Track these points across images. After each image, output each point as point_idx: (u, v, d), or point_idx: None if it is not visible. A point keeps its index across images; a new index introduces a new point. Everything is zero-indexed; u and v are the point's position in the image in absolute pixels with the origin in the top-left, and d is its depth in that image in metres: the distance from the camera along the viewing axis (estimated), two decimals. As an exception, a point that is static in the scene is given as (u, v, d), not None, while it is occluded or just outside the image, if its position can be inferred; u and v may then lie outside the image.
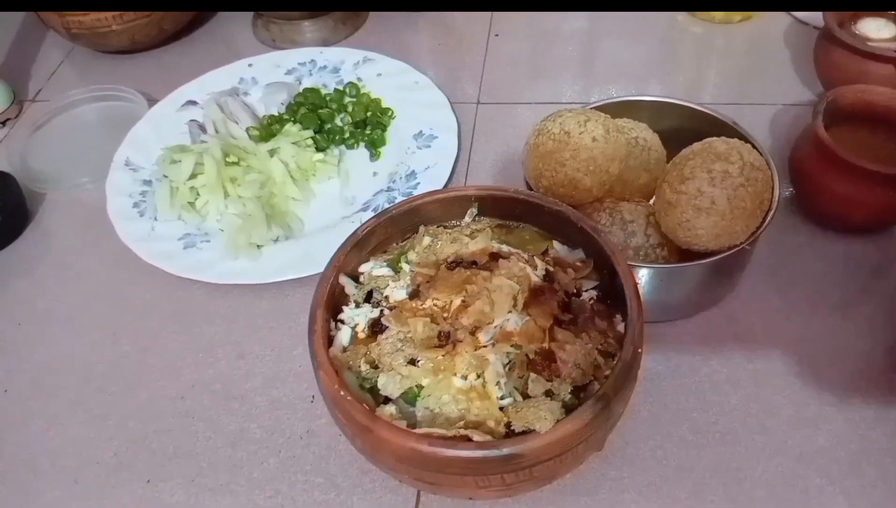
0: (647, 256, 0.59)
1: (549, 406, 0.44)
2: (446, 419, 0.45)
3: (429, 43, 0.95)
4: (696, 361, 0.60)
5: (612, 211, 0.60)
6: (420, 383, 0.46)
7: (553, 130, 0.59)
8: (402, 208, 0.56)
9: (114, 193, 0.75)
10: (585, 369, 0.47)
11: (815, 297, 0.64)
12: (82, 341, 0.67)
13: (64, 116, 0.90)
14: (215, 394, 0.62)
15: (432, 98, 0.81)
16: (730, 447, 0.55)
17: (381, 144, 0.79)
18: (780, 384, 0.58)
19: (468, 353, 0.46)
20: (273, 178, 0.74)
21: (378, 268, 0.54)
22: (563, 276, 0.51)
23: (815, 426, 0.55)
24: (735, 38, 0.90)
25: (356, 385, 0.48)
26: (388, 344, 0.48)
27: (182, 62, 0.96)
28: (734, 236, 0.55)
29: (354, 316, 0.51)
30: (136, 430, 0.60)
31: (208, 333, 0.66)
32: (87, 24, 0.90)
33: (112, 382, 0.64)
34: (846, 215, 0.65)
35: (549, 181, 0.59)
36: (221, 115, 0.80)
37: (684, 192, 0.55)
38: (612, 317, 0.50)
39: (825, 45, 0.75)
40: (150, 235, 0.71)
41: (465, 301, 0.49)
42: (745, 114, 0.78)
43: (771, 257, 0.66)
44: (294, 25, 0.94)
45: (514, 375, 0.46)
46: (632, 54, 0.90)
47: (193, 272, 0.67)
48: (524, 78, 0.88)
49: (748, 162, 0.55)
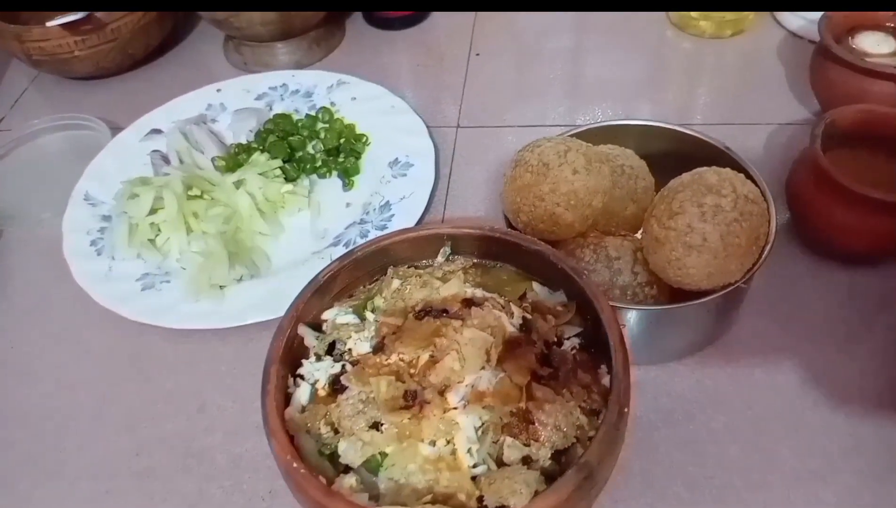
0: (636, 295, 0.54)
1: (525, 478, 0.39)
2: (413, 491, 0.41)
3: (407, 63, 0.91)
4: (691, 408, 0.56)
5: (597, 247, 0.55)
6: (383, 450, 0.42)
7: (531, 161, 0.55)
8: (368, 250, 0.51)
9: (70, 229, 0.71)
10: (567, 430, 0.42)
11: (818, 332, 0.59)
12: (33, 391, 0.63)
13: (25, 147, 0.86)
14: (173, 450, 0.57)
15: (409, 123, 0.77)
16: (728, 505, 0.50)
17: (355, 173, 0.75)
18: (783, 432, 0.54)
19: (436, 417, 0.42)
20: (239, 211, 0.69)
21: (342, 315, 0.50)
22: (543, 324, 0.47)
23: (822, 481, 0.51)
24: (726, 54, 0.86)
25: (314, 451, 0.43)
26: (349, 406, 0.44)
27: (151, 87, 0.92)
28: (728, 274, 0.51)
29: (314, 371, 0.47)
30: (88, 491, 0.56)
31: (168, 382, 0.62)
32: (48, 49, 0.86)
33: (66, 437, 0.59)
34: (848, 244, 0.60)
35: (528, 216, 0.55)
36: (186, 144, 0.75)
37: (673, 228, 0.51)
38: (597, 368, 0.46)
39: (822, 61, 0.71)
40: (107, 275, 0.67)
41: (433, 356, 0.44)
42: (737, 135, 0.75)
43: (769, 290, 0.62)
44: (267, 47, 0.90)
45: (488, 440, 0.42)
46: (619, 73, 0.86)
47: (151, 317, 0.63)
48: (507, 99, 0.84)
49: (742, 194, 0.50)
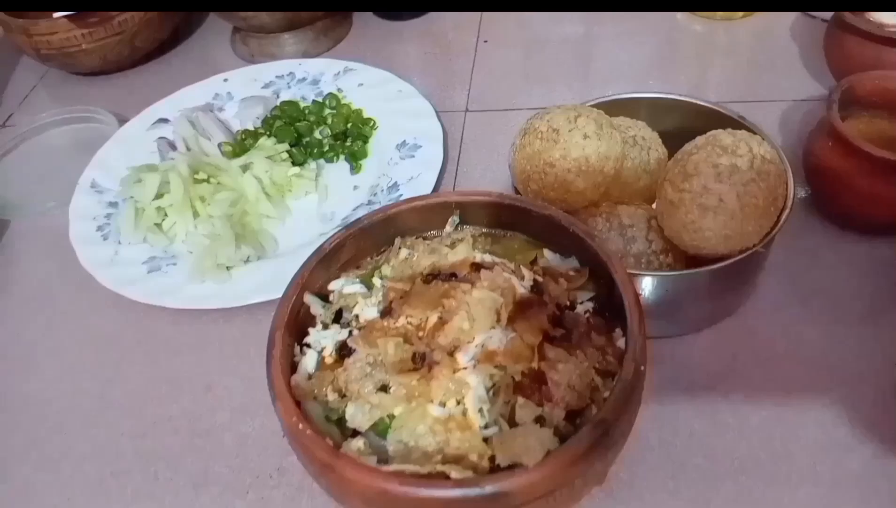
0: (650, 263, 0.53)
1: (539, 436, 0.38)
2: (422, 454, 0.39)
3: (414, 52, 0.91)
4: (710, 380, 0.54)
5: (609, 215, 0.54)
6: (392, 412, 0.40)
7: (540, 127, 0.53)
8: (374, 218, 0.50)
9: (77, 217, 0.70)
10: (581, 391, 0.41)
11: (840, 305, 0.58)
12: (39, 376, 0.62)
13: (33, 141, 0.86)
14: (179, 431, 0.56)
15: (417, 107, 0.76)
16: (751, 475, 0.48)
17: (363, 157, 0.74)
18: (805, 403, 0.52)
19: (446, 377, 0.40)
20: (245, 195, 0.69)
21: (349, 285, 0.49)
22: (555, 287, 0.46)
23: (847, 450, 0.49)
24: (738, 34, 0.85)
25: (321, 417, 0.42)
26: (356, 369, 0.42)
27: (157, 81, 0.92)
28: (746, 237, 0.49)
29: (321, 339, 0.46)
30: (93, 473, 0.55)
31: (174, 363, 0.61)
32: (55, 43, 0.86)
33: (69, 420, 0.58)
34: (868, 212, 0.59)
35: (538, 185, 0.54)
36: (192, 131, 0.75)
37: (688, 190, 0.49)
38: (611, 332, 0.44)
39: (837, 33, 0.70)
40: (113, 259, 0.66)
41: (442, 318, 0.43)
42: (752, 111, 0.71)
43: (789, 263, 0.60)
44: (273, 38, 0.90)
45: (499, 400, 0.40)
46: (630, 57, 0.85)
47: (157, 298, 0.62)
48: (515, 84, 0.83)
49: (758, 154, 0.49)
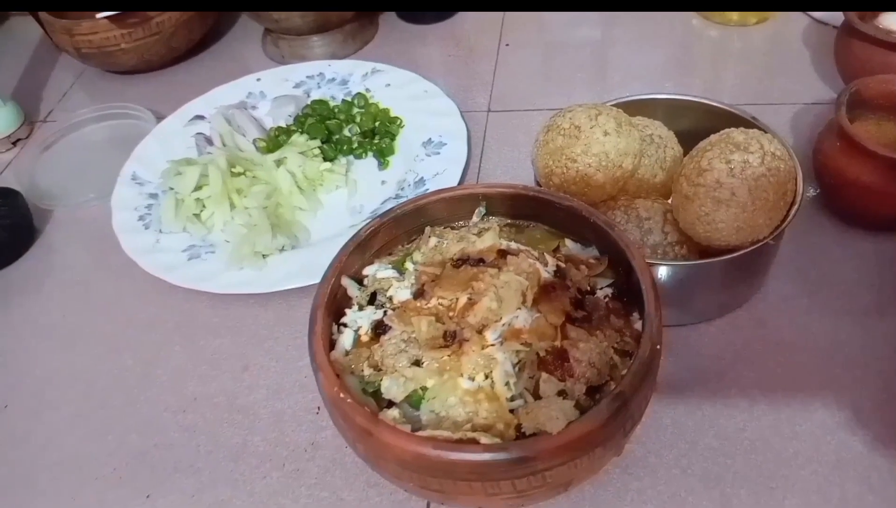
0: (666, 254, 0.56)
1: (562, 407, 0.41)
2: (453, 423, 0.42)
3: (438, 55, 0.94)
4: (722, 365, 0.57)
5: (628, 208, 0.57)
6: (425, 385, 0.44)
7: (563, 124, 0.57)
8: (406, 208, 0.54)
9: (119, 207, 0.74)
10: (601, 368, 0.44)
11: (847, 298, 0.60)
12: (85, 355, 0.65)
13: (73, 136, 0.90)
14: (218, 407, 0.60)
15: (441, 106, 0.80)
16: (759, 454, 0.51)
17: (390, 153, 0.78)
18: (813, 387, 0.55)
19: (475, 352, 0.44)
20: (279, 188, 0.72)
21: (382, 270, 0.52)
22: (576, 273, 0.49)
23: (851, 431, 0.52)
24: (752, 40, 0.88)
25: (359, 390, 0.45)
26: (392, 345, 0.46)
27: (192, 80, 0.95)
28: (757, 229, 0.52)
29: (357, 319, 0.49)
30: (137, 445, 0.58)
31: (213, 345, 0.64)
32: (96, 42, 0.90)
33: (114, 396, 0.62)
34: (875, 210, 0.61)
35: (560, 179, 0.57)
36: (228, 127, 0.79)
37: (702, 184, 0.52)
38: (629, 315, 0.48)
39: (846, 39, 0.73)
40: (154, 247, 0.69)
41: (471, 299, 0.46)
42: (764, 113, 0.74)
43: (798, 257, 0.63)
44: (303, 40, 0.93)
45: (525, 375, 0.44)
46: (646, 60, 0.88)
47: (197, 283, 0.65)
48: (536, 86, 0.87)
49: (769, 151, 0.52)
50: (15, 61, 1.05)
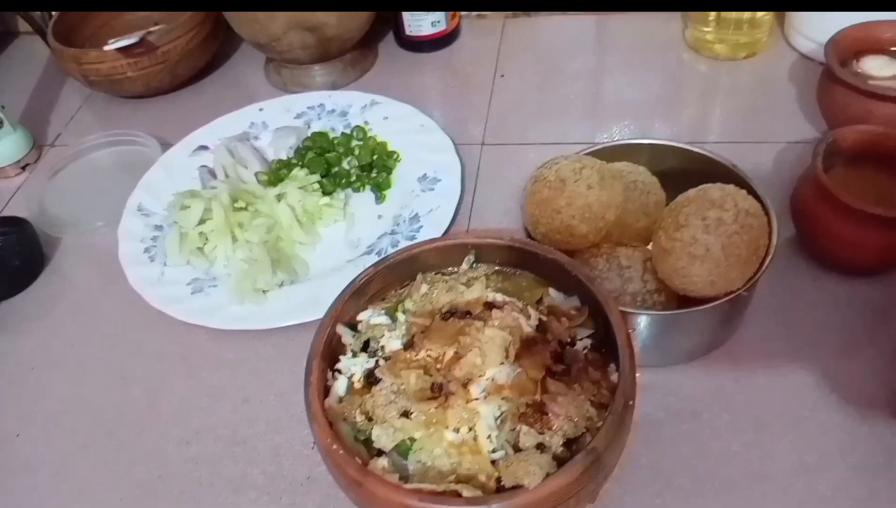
0: (645, 301, 0.59)
1: (539, 461, 0.44)
2: (438, 473, 0.45)
3: (435, 85, 0.97)
4: (697, 406, 0.60)
5: (609, 256, 0.60)
6: (412, 436, 0.47)
7: (549, 177, 0.59)
8: (400, 257, 0.57)
9: (125, 238, 0.77)
10: (577, 421, 0.47)
11: (819, 340, 0.63)
12: (93, 386, 0.68)
13: (81, 161, 0.93)
14: (220, 440, 0.63)
15: (437, 141, 0.83)
16: (730, 495, 0.54)
17: (387, 187, 0.81)
18: (782, 429, 0.58)
19: (460, 406, 0.47)
20: (280, 222, 0.75)
21: (376, 316, 0.55)
22: (557, 325, 0.52)
23: (817, 474, 0.55)
24: (739, 75, 0.91)
25: (351, 436, 0.48)
26: (382, 396, 0.49)
27: (196, 106, 0.98)
28: (730, 282, 0.55)
29: (351, 366, 0.52)
30: (143, 475, 0.61)
31: (214, 378, 0.67)
32: (103, 71, 0.93)
33: (121, 427, 0.65)
34: (848, 257, 0.64)
35: (546, 228, 0.60)
36: (231, 159, 0.82)
37: (679, 239, 0.55)
38: (606, 367, 0.50)
39: (828, 83, 0.75)
40: (159, 279, 0.72)
41: (457, 353, 0.49)
42: (748, 152, 0.79)
43: (774, 299, 0.66)
44: (305, 69, 0.96)
45: (506, 428, 0.47)
46: (637, 93, 0.90)
47: (200, 318, 0.68)
48: (529, 118, 0.89)
49: (742, 209, 0.55)
50: (23, 82, 1.08)
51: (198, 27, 0.95)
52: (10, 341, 0.74)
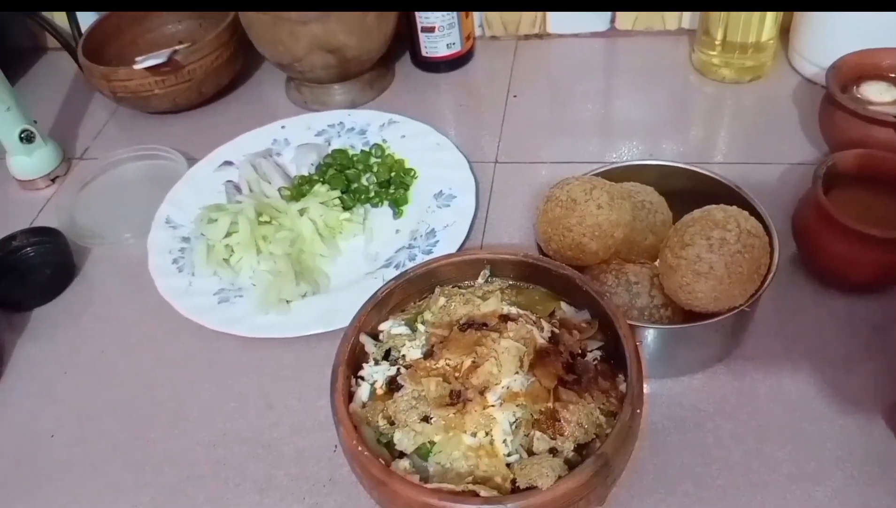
0: (652, 315, 0.62)
1: (552, 464, 0.47)
2: (457, 474, 0.48)
3: (451, 104, 1.01)
4: (701, 417, 0.62)
5: (618, 273, 0.63)
6: (432, 439, 0.50)
7: (560, 197, 0.63)
8: (419, 271, 0.60)
9: (154, 250, 0.80)
10: (588, 427, 0.50)
11: (819, 354, 0.66)
12: (123, 390, 0.72)
13: (109, 174, 0.96)
14: (245, 442, 0.66)
15: (452, 159, 0.86)
16: (730, 501, 0.57)
17: (404, 203, 0.84)
18: (782, 440, 0.60)
19: (477, 412, 0.50)
20: (302, 235, 0.79)
21: (396, 327, 0.58)
22: (569, 337, 0.55)
23: (815, 482, 0.58)
24: (744, 98, 0.94)
25: (374, 440, 0.51)
26: (404, 402, 0.52)
27: (220, 122, 1.02)
28: (733, 299, 0.58)
29: (373, 373, 0.55)
30: (172, 476, 0.64)
31: (240, 384, 0.70)
32: (131, 88, 0.97)
33: (150, 430, 0.68)
34: (846, 275, 0.67)
35: (558, 245, 0.63)
36: (255, 175, 0.85)
37: (684, 257, 0.58)
38: (615, 377, 0.53)
39: (829, 108, 0.78)
40: (187, 290, 0.76)
41: (475, 362, 0.52)
42: (753, 173, 0.82)
43: (776, 315, 0.69)
44: (325, 88, 1.00)
45: (521, 433, 0.50)
46: (645, 114, 0.94)
47: (227, 326, 0.72)
48: (541, 138, 0.93)
49: (745, 229, 0.58)
50: (51, 97, 1.12)
51: (222, 47, 0.99)
52: (43, 347, 0.77)
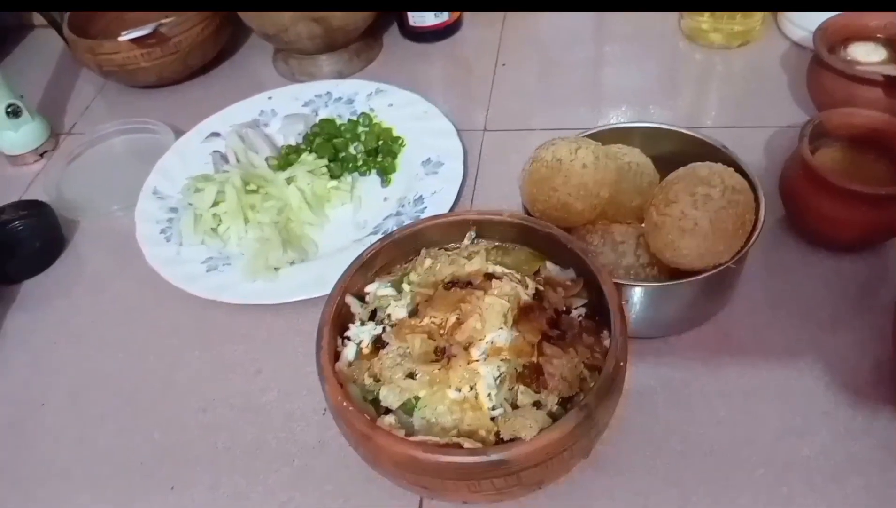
0: (638, 274, 0.62)
1: (535, 416, 0.47)
2: (442, 429, 0.49)
3: (438, 74, 1.00)
4: (688, 375, 0.63)
5: (604, 233, 0.63)
6: (417, 395, 0.50)
7: (546, 157, 0.62)
8: (404, 232, 0.60)
9: (142, 219, 0.80)
10: (572, 381, 0.50)
11: (806, 313, 0.66)
12: (113, 358, 0.72)
13: (96, 148, 0.96)
14: (234, 407, 0.66)
15: (440, 127, 0.86)
16: (717, 457, 0.57)
17: (392, 171, 0.84)
18: (769, 396, 0.61)
19: (462, 367, 0.50)
20: (290, 204, 0.79)
21: (382, 288, 0.58)
22: (553, 295, 0.55)
23: (800, 437, 0.58)
24: (734, 63, 0.94)
25: (360, 397, 0.52)
26: (389, 359, 0.52)
27: (207, 95, 1.01)
28: (718, 255, 0.58)
29: (359, 333, 0.55)
30: (161, 441, 0.65)
31: (229, 350, 0.71)
32: (117, 61, 0.96)
33: (140, 397, 0.68)
34: (834, 234, 0.67)
35: (544, 205, 0.63)
36: (242, 145, 0.85)
37: (669, 214, 0.58)
38: (600, 333, 0.54)
39: (816, 69, 0.78)
40: (175, 258, 0.76)
41: (459, 319, 0.52)
42: (742, 137, 0.82)
43: (763, 274, 0.69)
44: (312, 59, 0.99)
45: (505, 387, 0.50)
46: (635, 81, 0.93)
47: (215, 294, 0.72)
48: (530, 106, 0.92)
49: (729, 186, 0.58)
50: (39, 73, 1.12)
51: (208, 19, 0.98)
52: (33, 317, 0.77)
